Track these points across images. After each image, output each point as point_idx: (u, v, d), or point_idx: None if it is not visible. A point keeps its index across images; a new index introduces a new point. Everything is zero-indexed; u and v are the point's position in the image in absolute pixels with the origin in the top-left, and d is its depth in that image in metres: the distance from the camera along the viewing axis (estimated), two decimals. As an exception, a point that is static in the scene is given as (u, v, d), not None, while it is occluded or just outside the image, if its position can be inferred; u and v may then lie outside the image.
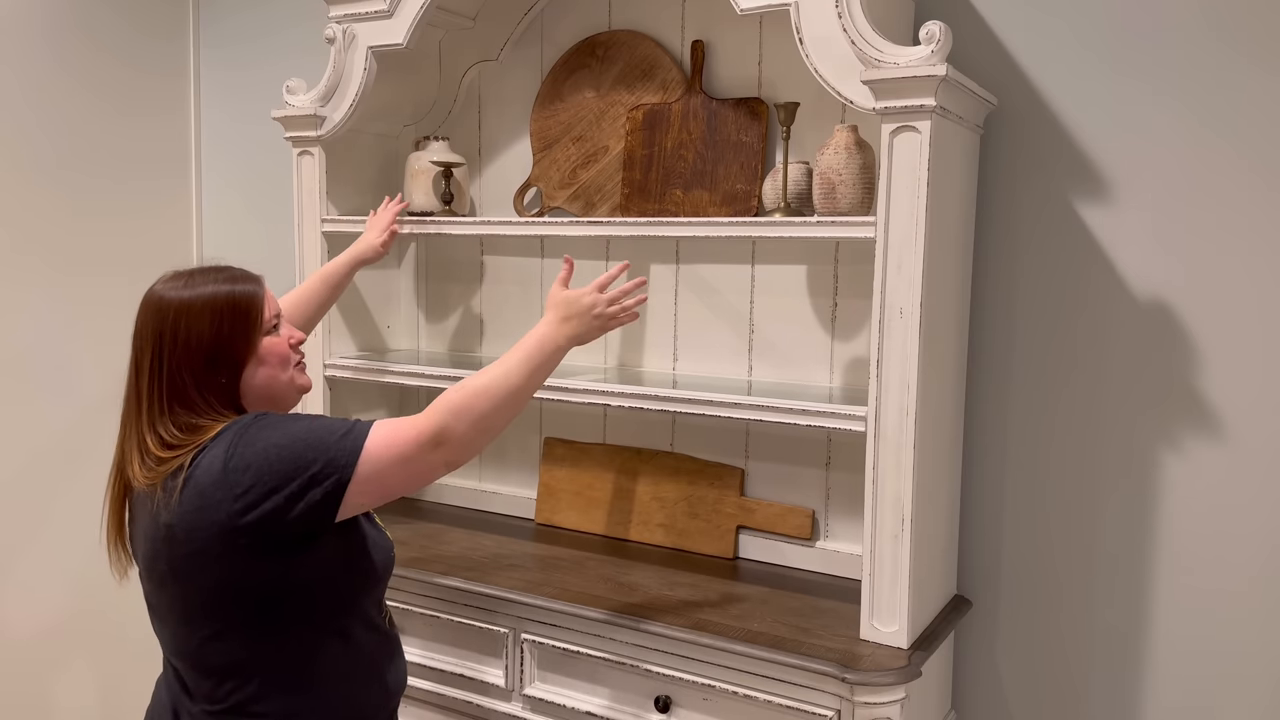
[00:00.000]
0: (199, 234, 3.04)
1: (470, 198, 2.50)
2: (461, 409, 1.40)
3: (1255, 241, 1.78)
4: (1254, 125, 1.77)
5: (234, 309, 1.42)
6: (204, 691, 1.39)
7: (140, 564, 1.43)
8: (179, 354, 1.39)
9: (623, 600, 1.90)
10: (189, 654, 1.40)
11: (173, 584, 1.36)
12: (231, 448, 1.32)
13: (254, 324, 1.44)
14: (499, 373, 1.47)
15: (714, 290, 2.20)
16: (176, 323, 1.39)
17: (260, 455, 1.31)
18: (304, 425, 1.36)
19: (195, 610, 1.36)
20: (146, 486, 1.36)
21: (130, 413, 1.41)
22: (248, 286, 1.46)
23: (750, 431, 2.19)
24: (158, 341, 1.40)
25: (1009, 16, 1.95)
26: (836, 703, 1.65)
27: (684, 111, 2.17)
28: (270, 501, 1.30)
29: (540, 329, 1.56)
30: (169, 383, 1.39)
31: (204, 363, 1.40)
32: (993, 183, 1.98)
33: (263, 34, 2.86)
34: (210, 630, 1.36)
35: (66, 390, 2.73)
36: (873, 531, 1.71)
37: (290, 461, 1.31)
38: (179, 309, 1.40)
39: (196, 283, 1.43)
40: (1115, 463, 1.92)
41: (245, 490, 1.30)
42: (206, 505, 1.30)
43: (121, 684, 2.91)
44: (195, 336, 1.39)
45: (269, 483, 1.30)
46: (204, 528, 1.31)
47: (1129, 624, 1.93)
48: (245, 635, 1.36)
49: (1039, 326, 1.97)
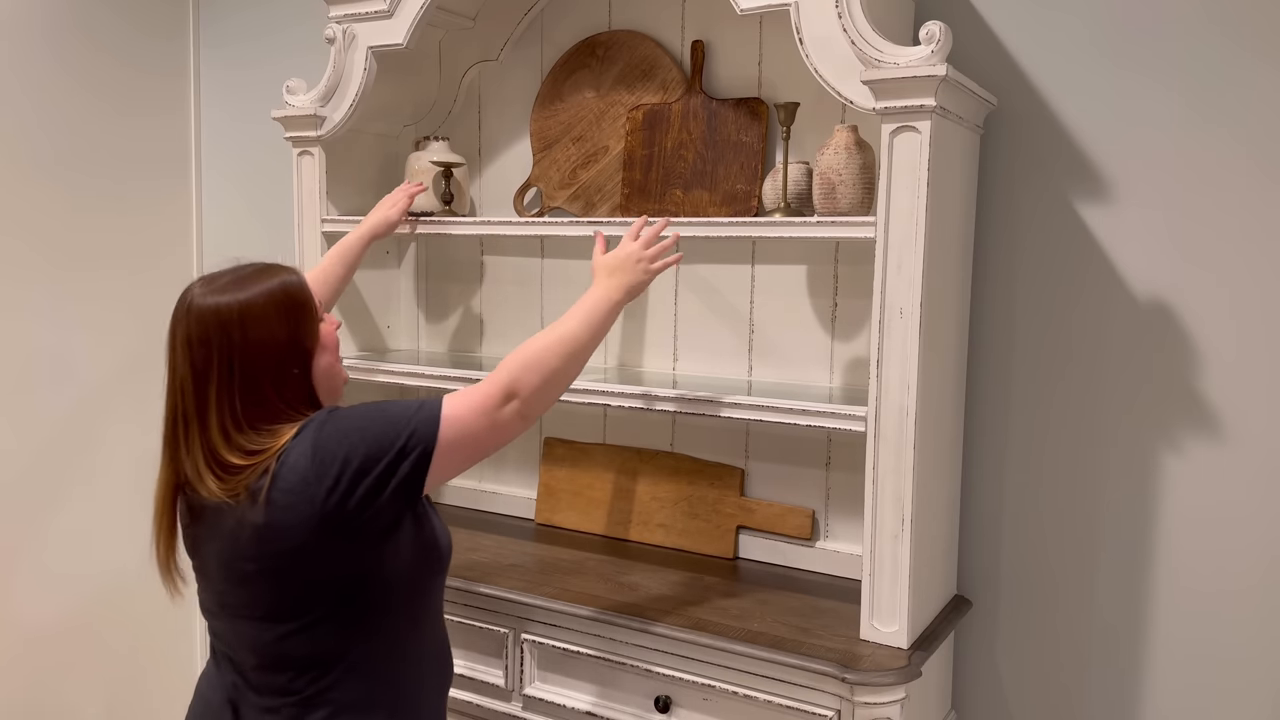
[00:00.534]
0: (199, 233, 3.04)
1: (470, 198, 2.50)
2: (528, 364, 1.45)
3: (1256, 241, 1.78)
4: (1254, 124, 1.77)
5: (294, 301, 1.41)
6: (278, 685, 1.39)
7: (210, 568, 1.42)
8: (252, 357, 1.36)
9: (623, 600, 1.90)
10: (266, 648, 1.39)
11: (259, 582, 1.36)
12: (316, 443, 1.33)
13: (313, 312, 1.44)
14: (560, 330, 1.51)
15: (714, 290, 2.20)
16: (244, 326, 1.35)
17: (346, 444, 1.32)
18: (378, 408, 1.38)
19: (284, 605, 1.37)
20: (228, 498, 1.34)
21: (190, 429, 1.36)
22: (295, 277, 1.45)
23: (750, 431, 2.19)
24: (226, 349, 1.35)
25: (1009, 16, 1.95)
26: (836, 703, 1.65)
27: (684, 111, 2.17)
28: (363, 486, 1.32)
29: (592, 291, 1.61)
30: (244, 390, 1.35)
31: (277, 361, 1.38)
32: (993, 183, 1.98)
33: (263, 33, 2.86)
34: (296, 624, 1.37)
35: (67, 390, 2.73)
36: (873, 531, 1.71)
37: (375, 443, 1.32)
38: (243, 312, 1.36)
39: (245, 283, 1.39)
40: (1115, 462, 1.92)
41: (336, 480, 1.31)
42: (298, 502, 1.31)
43: (129, 684, 2.91)
44: (268, 336, 1.37)
45: (359, 467, 1.31)
46: (298, 524, 1.31)
47: (1128, 624, 1.93)
48: (331, 626, 1.37)
49: (1039, 326, 1.97)
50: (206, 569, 1.43)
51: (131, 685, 2.95)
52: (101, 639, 2.85)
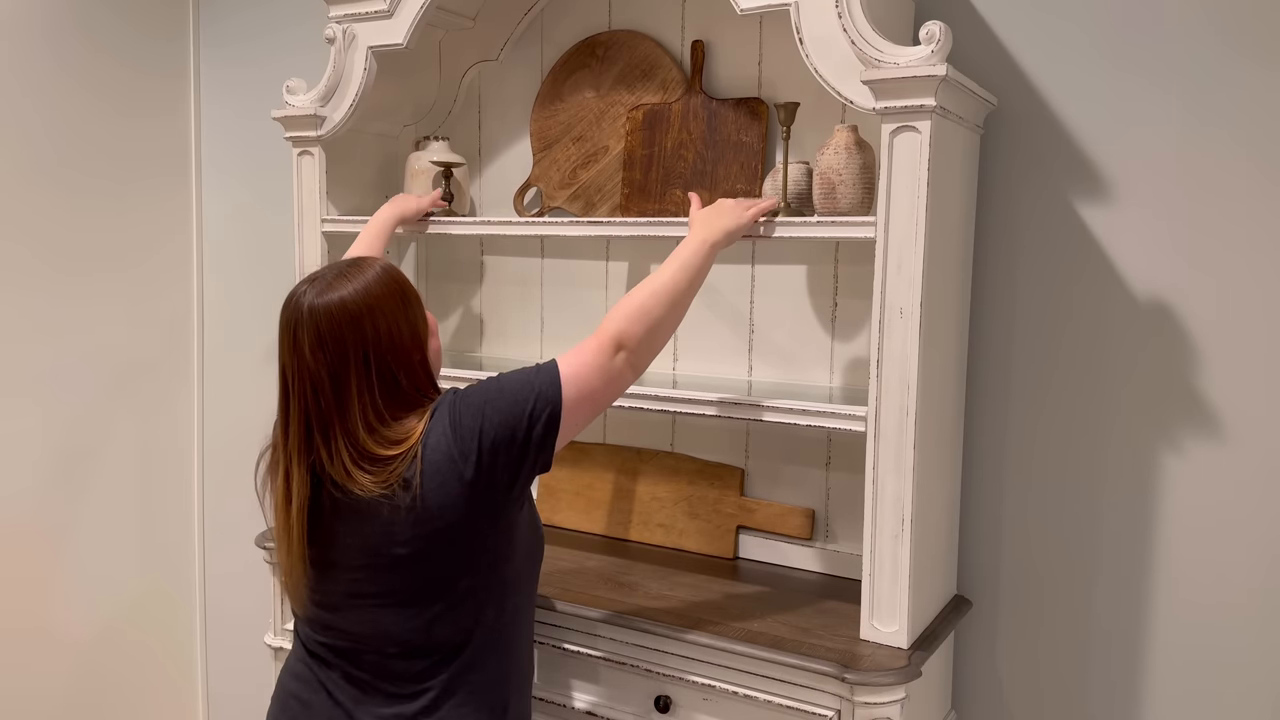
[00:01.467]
0: (199, 233, 3.04)
1: (470, 198, 2.50)
2: (633, 315, 1.49)
3: (1256, 240, 1.78)
4: (1253, 124, 1.77)
5: (406, 287, 1.45)
6: (417, 671, 1.42)
7: (347, 560, 1.42)
8: (385, 348, 1.39)
9: (623, 600, 1.90)
10: (410, 635, 1.41)
11: (409, 566, 1.39)
12: (453, 422, 1.38)
13: (418, 300, 1.48)
14: (661, 278, 1.54)
15: (714, 290, 2.20)
16: (374, 318, 1.38)
17: (481, 418, 1.37)
18: (500, 382, 1.43)
19: (430, 588, 1.40)
20: (383, 490, 1.36)
21: (331, 429, 1.37)
22: (392, 265, 1.48)
23: (750, 431, 2.19)
24: (360, 343, 1.38)
25: (1009, 16, 1.95)
26: (836, 703, 1.65)
27: (684, 111, 2.17)
28: (504, 455, 1.37)
29: (689, 239, 1.64)
30: (381, 382, 1.39)
31: (406, 349, 1.42)
32: (993, 183, 1.98)
33: (263, 33, 2.86)
34: (441, 606, 1.40)
35: (68, 389, 2.73)
36: (873, 531, 1.71)
37: (508, 412, 1.38)
38: (370, 304, 1.39)
39: (355, 276, 1.41)
40: (1115, 462, 1.92)
41: (479, 454, 1.36)
42: (448, 480, 1.36)
43: (133, 692, 2.91)
44: (394, 326, 1.41)
45: (496, 438, 1.37)
46: (449, 503, 1.36)
47: (1128, 623, 1.93)
48: (470, 606, 1.42)
49: (1039, 326, 1.97)
50: (341, 562, 1.42)
51: (133, 696, 2.95)
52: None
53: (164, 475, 2.99)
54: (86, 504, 2.78)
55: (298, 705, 1.49)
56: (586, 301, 2.36)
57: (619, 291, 2.31)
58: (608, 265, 2.32)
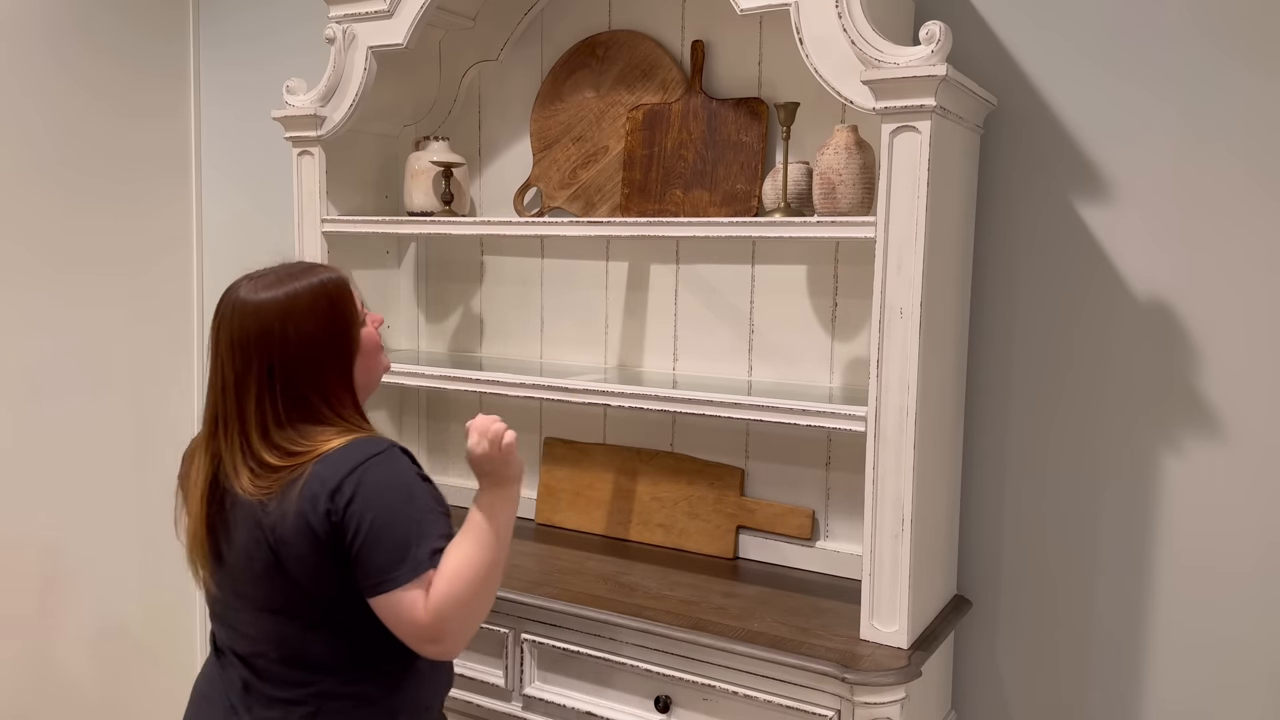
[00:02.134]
0: (199, 234, 3.04)
1: (470, 198, 2.50)
2: (462, 615, 1.36)
3: (1255, 239, 1.78)
4: (1252, 124, 1.77)
5: (336, 300, 1.40)
6: (297, 678, 1.40)
7: (232, 560, 1.42)
8: (293, 357, 1.36)
9: (623, 600, 1.90)
10: (286, 642, 1.40)
11: (278, 577, 1.37)
12: (348, 479, 1.32)
13: (354, 314, 1.43)
14: (483, 568, 1.38)
15: (714, 290, 2.20)
16: (285, 324, 1.35)
17: (365, 509, 1.32)
18: (407, 508, 1.35)
19: (299, 602, 1.38)
20: (260, 496, 1.35)
21: (230, 426, 1.37)
22: (338, 276, 1.44)
23: (750, 431, 2.19)
24: (265, 347, 1.35)
25: (1009, 17, 1.95)
26: (836, 703, 1.65)
27: (684, 111, 2.17)
28: (354, 549, 1.33)
29: (485, 498, 1.46)
30: (285, 394, 1.36)
31: (318, 361, 1.37)
32: (993, 183, 1.98)
33: (263, 34, 2.86)
34: (309, 621, 1.38)
35: (68, 388, 2.73)
36: (873, 531, 1.71)
37: (379, 539, 1.32)
38: (285, 310, 1.36)
39: (288, 281, 1.38)
40: (1115, 462, 1.92)
41: (341, 527, 1.32)
42: (310, 515, 1.32)
43: (130, 692, 2.91)
44: (308, 336, 1.36)
45: (357, 536, 1.32)
46: (303, 536, 1.33)
47: (1129, 624, 1.93)
48: (343, 626, 1.38)
49: (1039, 326, 1.97)
50: (228, 561, 1.43)
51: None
52: (102, 644, 2.85)
53: (163, 475, 2.99)
54: (86, 504, 2.78)
55: (204, 704, 1.49)
56: (586, 301, 2.36)
57: (619, 292, 2.31)
58: (608, 265, 2.32)
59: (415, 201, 2.36)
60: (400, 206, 2.48)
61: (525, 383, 2.07)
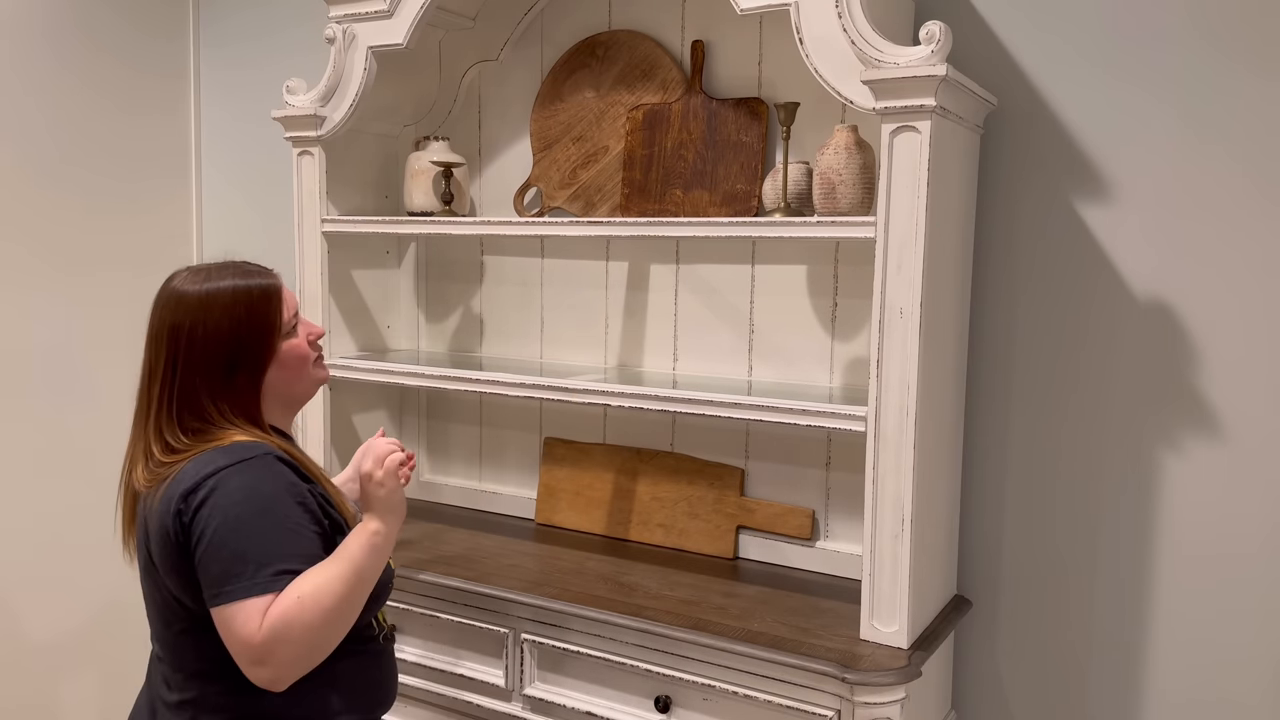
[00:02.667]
0: (199, 233, 3.04)
1: (470, 198, 2.50)
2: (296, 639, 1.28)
3: (1256, 239, 1.78)
4: (1251, 125, 1.77)
5: (255, 304, 1.38)
6: (178, 682, 1.38)
7: (136, 551, 1.42)
8: (195, 354, 1.34)
9: (623, 600, 1.90)
10: (167, 644, 1.39)
11: (151, 574, 1.37)
12: (210, 485, 1.28)
13: (273, 325, 1.39)
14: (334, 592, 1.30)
15: (714, 290, 2.20)
16: (195, 320, 1.34)
17: (211, 519, 1.27)
18: (270, 526, 1.29)
19: (169, 605, 1.36)
20: (147, 489, 1.35)
21: (139, 415, 1.38)
22: (266, 282, 1.41)
23: (750, 431, 2.19)
24: (173, 341, 1.35)
25: (1009, 17, 1.95)
26: (836, 703, 1.65)
27: (684, 111, 2.17)
28: (195, 548, 1.28)
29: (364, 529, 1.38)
30: (180, 386, 1.34)
31: (219, 365, 1.35)
32: (993, 183, 1.98)
33: (263, 33, 2.86)
34: (182, 626, 1.36)
35: (67, 388, 2.73)
36: (873, 531, 1.71)
37: (219, 548, 1.27)
38: (198, 305, 1.35)
39: (214, 278, 1.37)
40: (1115, 462, 1.92)
41: (187, 537, 1.29)
42: (168, 510, 1.30)
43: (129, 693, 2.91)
44: (217, 344, 1.34)
45: (200, 541, 1.28)
46: (162, 530, 1.31)
47: (1129, 624, 1.93)
48: (214, 637, 1.31)
49: (1039, 326, 1.97)
50: (136, 551, 1.42)
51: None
52: (108, 648, 2.85)
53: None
54: (87, 503, 2.78)
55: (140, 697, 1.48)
56: (586, 301, 2.36)
57: (619, 292, 2.31)
58: (608, 265, 2.32)
59: (415, 201, 2.36)
60: (400, 206, 2.48)
61: (525, 383, 2.07)
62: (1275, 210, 1.77)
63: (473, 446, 2.57)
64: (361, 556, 1.34)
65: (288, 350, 1.42)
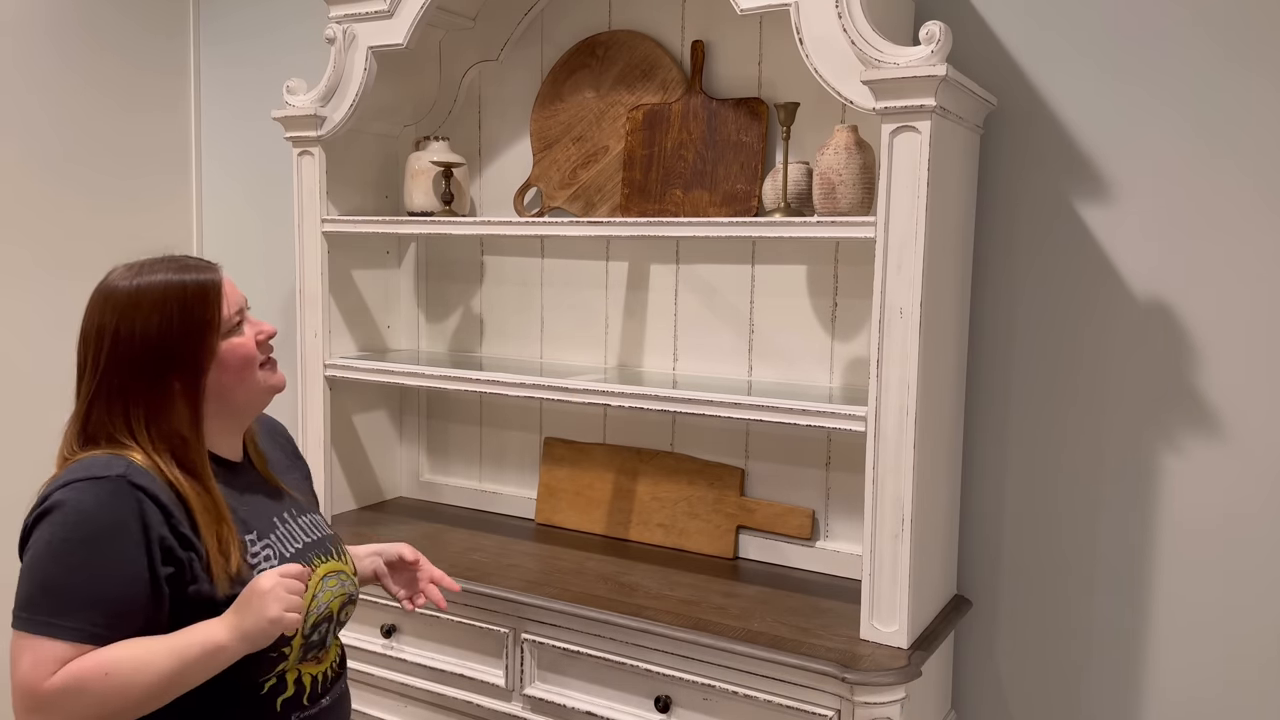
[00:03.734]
0: (199, 231, 3.04)
1: (470, 198, 2.50)
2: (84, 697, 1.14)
3: (1256, 239, 1.78)
4: (1251, 125, 1.77)
5: (187, 304, 1.24)
6: None
7: None
8: (119, 356, 1.22)
9: (623, 600, 1.90)
10: None
11: None
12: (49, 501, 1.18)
13: (209, 323, 1.25)
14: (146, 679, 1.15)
15: (714, 290, 2.20)
16: (119, 320, 1.22)
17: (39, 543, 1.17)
18: (77, 565, 1.15)
19: None
20: None
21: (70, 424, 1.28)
22: (203, 276, 1.26)
23: (750, 431, 2.19)
24: (98, 342, 1.23)
25: (1009, 17, 1.95)
26: (836, 703, 1.65)
27: (684, 111, 2.17)
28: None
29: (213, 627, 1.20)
30: (100, 391, 1.22)
31: (147, 369, 1.22)
32: (993, 183, 1.98)
33: (263, 31, 2.86)
34: None
35: (68, 387, 2.73)
36: (873, 531, 1.71)
37: (28, 568, 1.17)
38: (123, 303, 1.23)
39: (145, 272, 1.25)
40: (1115, 462, 1.92)
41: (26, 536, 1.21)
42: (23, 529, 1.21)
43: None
44: (140, 336, 1.22)
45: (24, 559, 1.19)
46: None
47: (1129, 624, 1.93)
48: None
49: (1039, 326, 1.97)
50: None
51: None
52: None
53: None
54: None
55: None
56: (586, 301, 2.36)
57: (619, 291, 2.31)
58: (608, 265, 2.32)
59: (415, 201, 2.36)
60: (400, 206, 2.48)
61: (525, 383, 2.07)
62: (1275, 210, 1.77)
63: (473, 446, 2.57)
64: (193, 663, 1.17)
65: (228, 350, 1.27)
